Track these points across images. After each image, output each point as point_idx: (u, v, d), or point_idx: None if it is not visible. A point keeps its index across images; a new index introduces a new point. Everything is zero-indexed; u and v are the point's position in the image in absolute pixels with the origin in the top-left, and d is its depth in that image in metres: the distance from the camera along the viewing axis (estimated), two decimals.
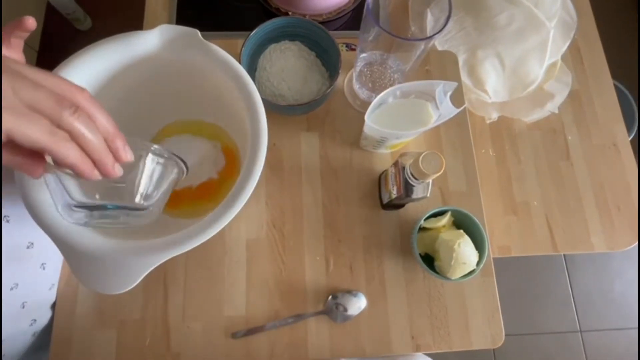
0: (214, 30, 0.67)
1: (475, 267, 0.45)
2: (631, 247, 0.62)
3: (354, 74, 0.55)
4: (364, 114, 0.44)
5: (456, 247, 0.44)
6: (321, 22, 0.60)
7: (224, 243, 0.50)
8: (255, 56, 0.55)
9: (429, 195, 0.44)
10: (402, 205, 0.52)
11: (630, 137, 0.99)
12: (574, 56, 0.70)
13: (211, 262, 0.50)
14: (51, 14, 1.20)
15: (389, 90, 0.43)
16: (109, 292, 0.34)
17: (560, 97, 0.66)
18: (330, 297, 0.49)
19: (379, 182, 0.54)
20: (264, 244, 0.51)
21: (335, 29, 0.72)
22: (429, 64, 0.60)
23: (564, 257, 1.30)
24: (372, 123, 0.43)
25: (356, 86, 0.56)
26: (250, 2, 0.71)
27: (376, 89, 0.53)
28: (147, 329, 0.47)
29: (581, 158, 0.66)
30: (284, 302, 0.49)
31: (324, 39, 0.53)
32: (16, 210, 0.41)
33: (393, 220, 0.53)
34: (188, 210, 0.49)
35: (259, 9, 0.71)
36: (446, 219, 0.48)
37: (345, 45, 0.66)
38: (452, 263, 0.44)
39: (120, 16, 1.19)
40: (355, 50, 0.65)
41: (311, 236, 0.51)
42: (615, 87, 0.70)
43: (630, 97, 1.08)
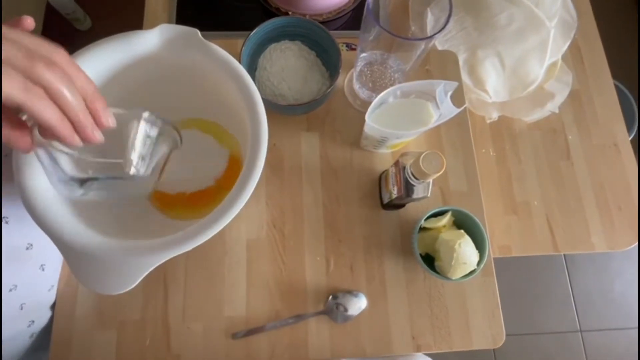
0: (214, 30, 0.67)
1: (476, 267, 0.45)
2: (631, 247, 0.62)
3: (354, 74, 0.55)
4: (365, 113, 0.44)
5: (457, 247, 0.44)
6: (321, 22, 0.60)
7: (224, 243, 0.50)
8: (255, 56, 0.55)
9: (429, 195, 0.44)
10: (402, 205, 0.52)
11: (631, 137, 0.99)
12: (574, 56, 0.70)
13: (211, 262, 0.50)
14: (51, 14, 1.20)
15: (389, 90, 0.43)
16: (108, 292, 0.34)
17: (561, 96, 0.66)
18: (331, 297, 0.49)
19: (379, 182, 0.54)
20: (264, 244, 0.51)
21: (336, 29, 0.72)
22: (429, 64, 0.60)
23: (564, 257, 1.30)
24: (372, 123, 0.43)
25: (356, 86, 0.55)
26: (250, 2, 0.71)
27: (376, 89, 0.53)
28: (147, 330, 0.47)
29: (581, 158, 0.65)
30: (284, 303, 0.49)
31: (324, 38, 0.53)
32: (15, 211, 0.41)
33: (393, 220, 0.53)
34: (186, 212, 0.49)
35: (259, 8, 0.71)
36: (447, 219, 0.48)
37: (345, 45, 0.66)
38: (453, 263, 0.44)
39: (120, 16, 1.19)
40: (355, 50, 0.65)
41: (311, 236, 0.51)
42: (616, 86, 0.70)
43: (630, 97, 1.08)
